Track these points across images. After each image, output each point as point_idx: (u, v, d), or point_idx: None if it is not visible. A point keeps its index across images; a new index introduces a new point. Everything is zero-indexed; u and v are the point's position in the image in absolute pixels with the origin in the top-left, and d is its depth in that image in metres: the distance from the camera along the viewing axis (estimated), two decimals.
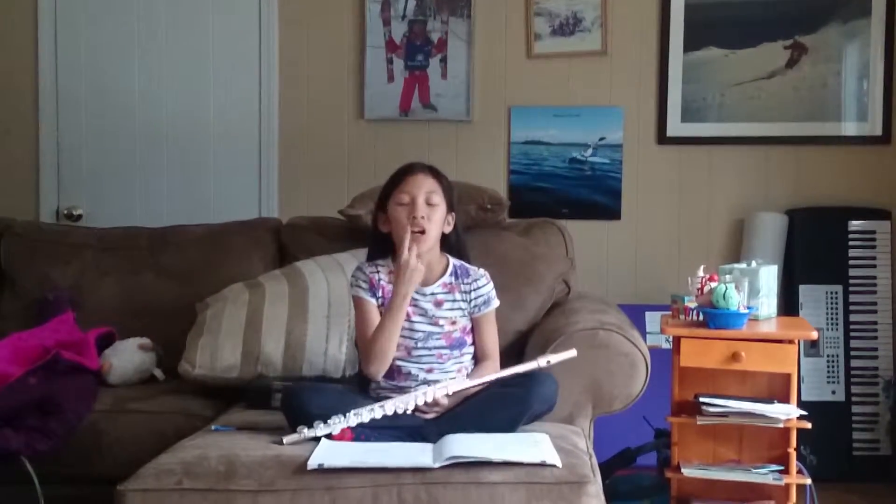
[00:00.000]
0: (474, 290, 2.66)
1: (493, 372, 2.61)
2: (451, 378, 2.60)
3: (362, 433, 2.38)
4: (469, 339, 2.67)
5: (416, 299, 2.63)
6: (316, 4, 4.31)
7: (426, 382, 2.59)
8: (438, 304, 2.64)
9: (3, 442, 2.71)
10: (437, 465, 2.18)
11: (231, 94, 4.32)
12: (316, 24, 4.30)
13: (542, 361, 2.56)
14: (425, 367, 2.61)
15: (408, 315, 2.61)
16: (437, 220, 2.61)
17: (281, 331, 3.08)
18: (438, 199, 2.61)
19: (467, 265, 2.71)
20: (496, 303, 2.69)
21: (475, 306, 2.66)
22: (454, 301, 2.65)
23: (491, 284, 2.69)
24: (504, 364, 2.68)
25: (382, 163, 4.11)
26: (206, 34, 4.32)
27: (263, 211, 4.28)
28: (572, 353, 2.59)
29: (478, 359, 2.69)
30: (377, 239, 2.71)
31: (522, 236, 3.41)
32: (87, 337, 3.20)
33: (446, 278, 2.66)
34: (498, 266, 2.83)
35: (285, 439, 2.35)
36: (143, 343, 3.27)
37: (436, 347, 2.61)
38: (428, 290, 2.64)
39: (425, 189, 2.60)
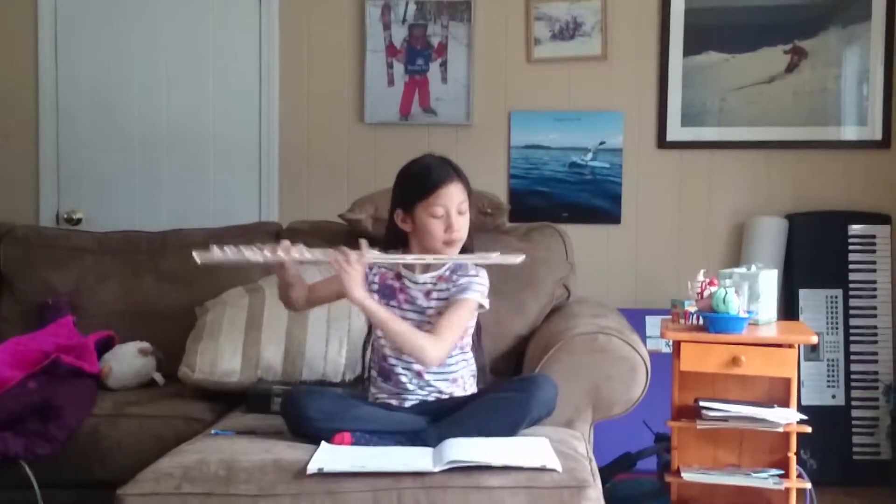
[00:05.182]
0: (460, 276, 2.60)
1: (431, 340, 2.48)
2: (443, 380, 2.60)
3: (362, 437, 2.38)
4: (460, 344, 2.62)
5: (408, 287, 2.62)
6: (316, 8, 4.31)
7: (420, 388, 2.59)
8: (427, 294, 2.61)
9: (3, 446, 2.71)
10: (437, 469, 2.18)
11: (231, 98, 4.32)
12: (316, 28, 4.31)
13: (491, 256, 2.53)
14: (415, 364, 2.57)
15: (399, 303, 2.61)
16: (467, 226, 2.62)
17: (281, 335, 3.08)
18: (467, 207, 2.61)
19: (469, 265, 2.66)
20: (475, 295, 2.57)
21: (455, 290, 2.58)
22: (441, 290, 2.60)
23: (480, 278, 2.61)
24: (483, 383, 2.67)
25: (382, 167, 4.12)
26: (206, 38, 4.32)
27: (264, 215, 4.28)
28: (521, 257, 2.54)
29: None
30: (393, 235, 2.67)
31: (522, 241, 3.41)
32: (86, 341, 3.20)
33: (443, 272, 2.63)
34: (498, 270, 2.82)
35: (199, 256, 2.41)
36: (143, 347, 3.26)
37: None
38: (422, 279, 2.62)
39: (458, 201, 2.58)
